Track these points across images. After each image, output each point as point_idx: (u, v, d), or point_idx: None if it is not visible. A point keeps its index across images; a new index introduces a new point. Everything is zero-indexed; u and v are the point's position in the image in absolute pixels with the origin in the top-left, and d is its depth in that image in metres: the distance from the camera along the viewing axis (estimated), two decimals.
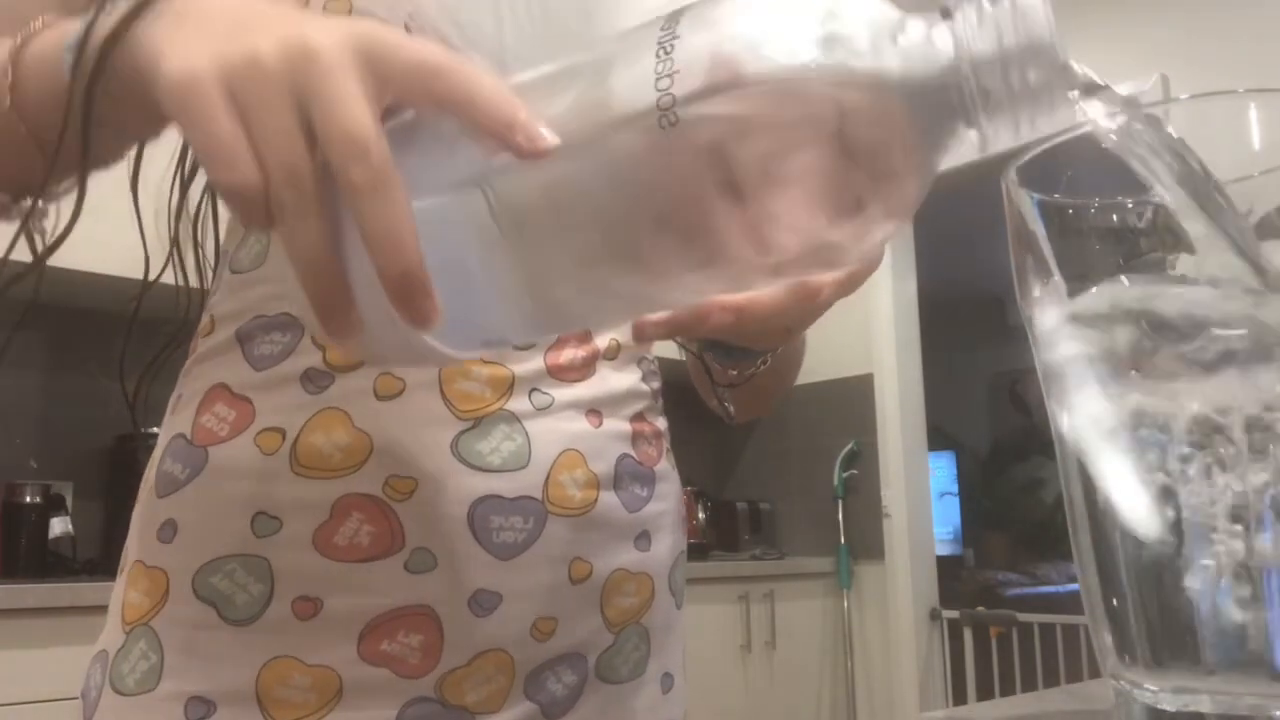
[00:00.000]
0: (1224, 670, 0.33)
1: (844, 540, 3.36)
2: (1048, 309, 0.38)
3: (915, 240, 3.35)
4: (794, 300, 0.52)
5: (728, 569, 3.07)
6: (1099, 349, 0.36)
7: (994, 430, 5.68)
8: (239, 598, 0.54)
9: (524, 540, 0.57)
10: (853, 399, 3.37)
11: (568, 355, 0.61)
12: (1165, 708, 0.34)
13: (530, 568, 0.58)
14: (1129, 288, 0.35)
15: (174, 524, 0.57)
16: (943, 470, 5.23)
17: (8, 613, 1.73)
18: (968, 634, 3.18)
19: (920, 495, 3.32)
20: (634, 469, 0.63)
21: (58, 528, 2.18)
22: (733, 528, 3.44)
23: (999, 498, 5.36)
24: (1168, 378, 0.34)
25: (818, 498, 3.47)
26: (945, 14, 0.33)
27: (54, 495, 2.20)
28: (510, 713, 0.58)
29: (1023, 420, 5.25)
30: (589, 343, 0.63)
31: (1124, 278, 0.35)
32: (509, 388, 0.58)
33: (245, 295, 0.59)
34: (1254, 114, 0.34)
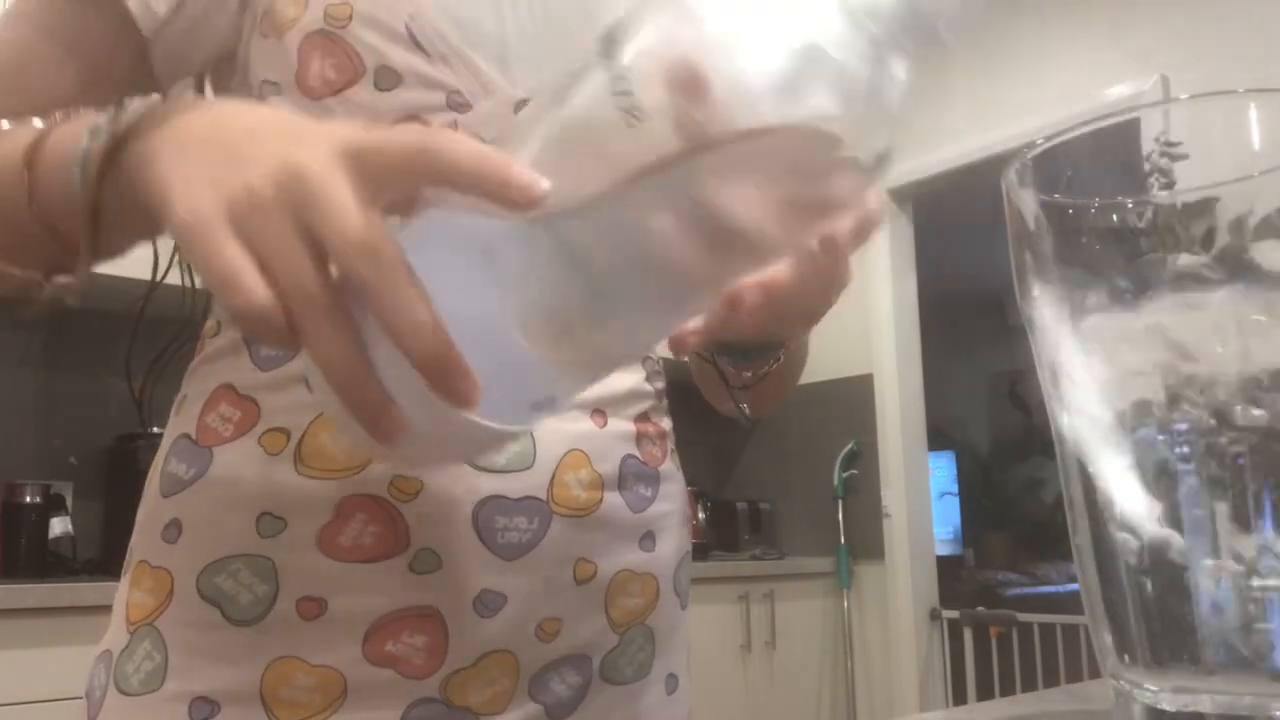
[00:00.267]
0: (1224, 670, 0.33)
1: (844, 540, 3.36)
2: (1047, 309, 0.38)
3: (915, 240, 3.35)
4: (812, 265, 0.53)
5: (728, 569, 3.07)
6: (1099, 350, 0.36)
7: (994, 430, 5.68)
8: (243, 598, 0.54)
9: (528, 541, 0.57)
10: (853, 399, 3.37)
11: None
12: (1165, 708, 0.34)
13: (535, 568, 0.58)
14: (1136, 317, 0.35)
15: (178, 524, 0.57)
16: (943, 470, 5.23)
17: (8, 613, 1.72)
18: (968, 634, 3.18)
19: (920, 495, 3.32)
20: (638, 469, 0.63)
21: (58, 528, 2.18)
22: (733, 528, 3.44)
23: (999, 498, 5.36)
24: (1167, 378, 0.34)
25: (818, 498, 3.47)
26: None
27: (54, 495, 2.21)
28: (514, 714, 0.58)
29: (1023, 420, 5.25)
30: None
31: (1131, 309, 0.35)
32: None
33: None
34: (1254, 114, 0.34)
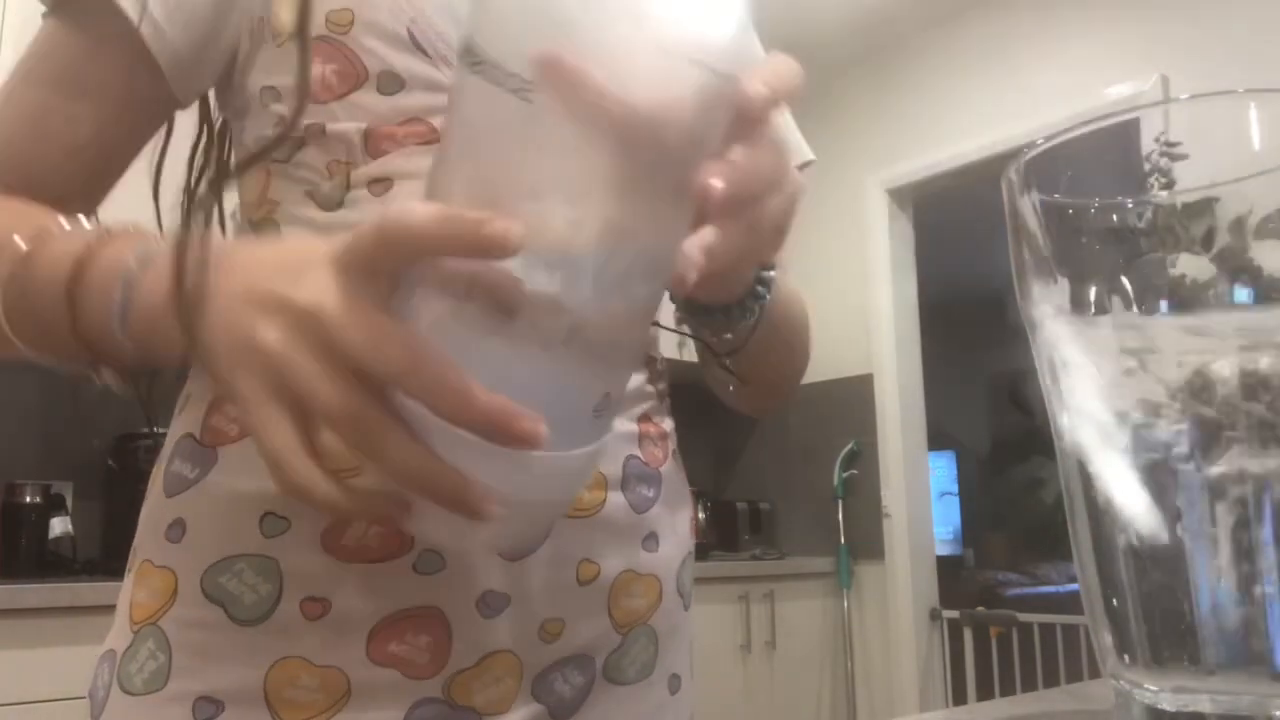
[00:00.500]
0: (1224, 670, 0.33)
1: (844, 540, 3.36)
2: (1047, 309, 0.38)
3: (915, 240, 3.35)
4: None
5: (728, 569, 3.07)
6: (1099, 350, 0.36)
7: (994, 430, 5.68)
8: (247, 598, 0.54)
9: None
10: (853, 399, 3.37)
11: None
12: (1165, 708, 0.34)
13: (538, 569, 0.58)
14: (1132, 324, 0.35)
15: (182, 523, 0.57)
16: (943, 470, 5.24)
17: (8, 613, 1.72)
18: (968, 634, 3.18)
19: (920, 495, 3.32)
20: (640, 470, 0.63)
21: (58, 528, 2.19)
22: (733, 528, 3.44)
23: (999, 498, 5.36)
24: (1168, 377, 0.34)
25: (818, 498, 3.47)
26: None
27: (54, 495, 2.21)
28: (518, 714, 0.58)
29: (1023, 420, 5.26)
30: None
31: (1128, 315, 0.35)
32: None
33: None
34: (1254, 114, 0.34)
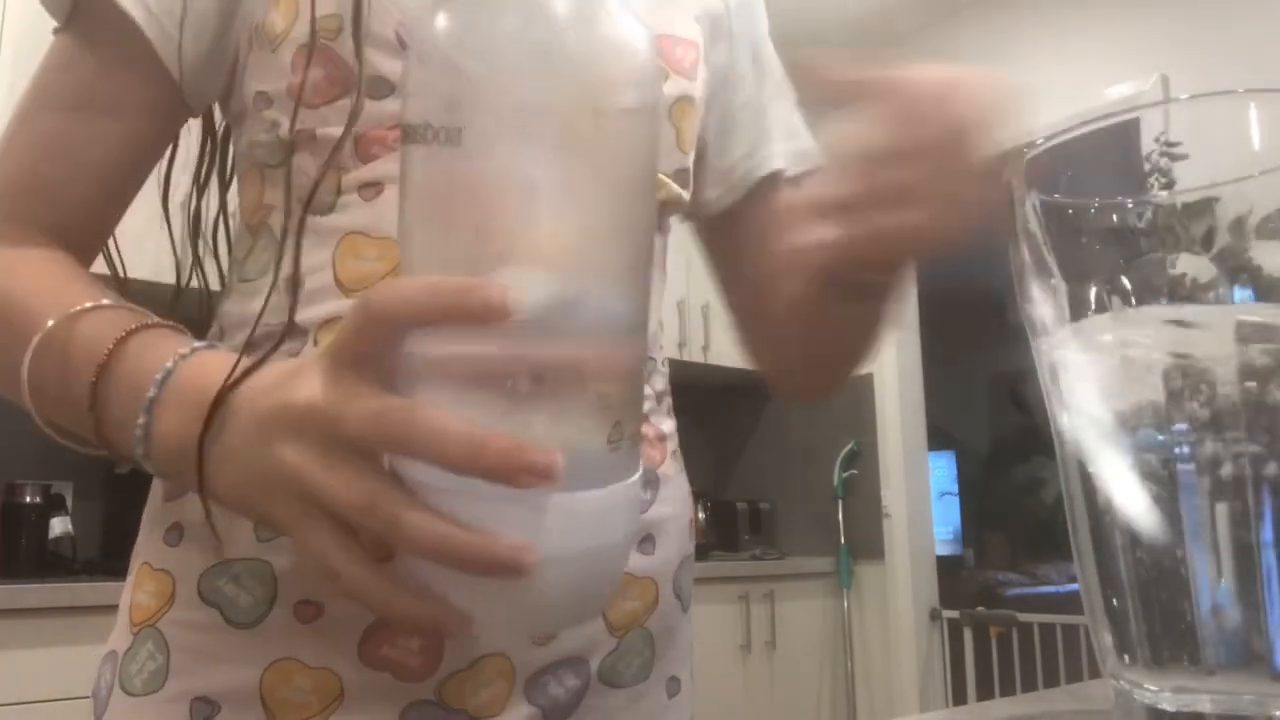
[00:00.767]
0: (1224, 670, 0.33)
1: (844, 540, 3.36)
2: (1048, 309, 0.38)
3: None
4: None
5: (728, 569, 3.07)
6: (1099, 350, 0.36)
7: (994, 430, 5.68)
8: (242, 601, 0.54)
9: None
10: (853, 399, 3.37)
11: None
12: (1165, 708, 0.34)
13: None
14: (1132, 322, 0.35)
15: (180, 528, 0.57)
16: (943, 470, 5.24)
17: (8, 613, 1.73)
18: (968, 634, 3.18)
19: (920, 495, 3.32)
20: None
21: (58, 528, 2.19)
22: (733, 528, 3.44)
23: (999, 498, 5.36)
24: (1168, 378, 0.34)
25: (818, 498, 3.47)
26: None
27: (54, 495, 2.20)
28: (511, 716, 0.57)
29: (1023, 420, 5.25)
30: None
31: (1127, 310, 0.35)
32: None
33: (252, 304, 0.59)
34: (1254, 114, 0.34)
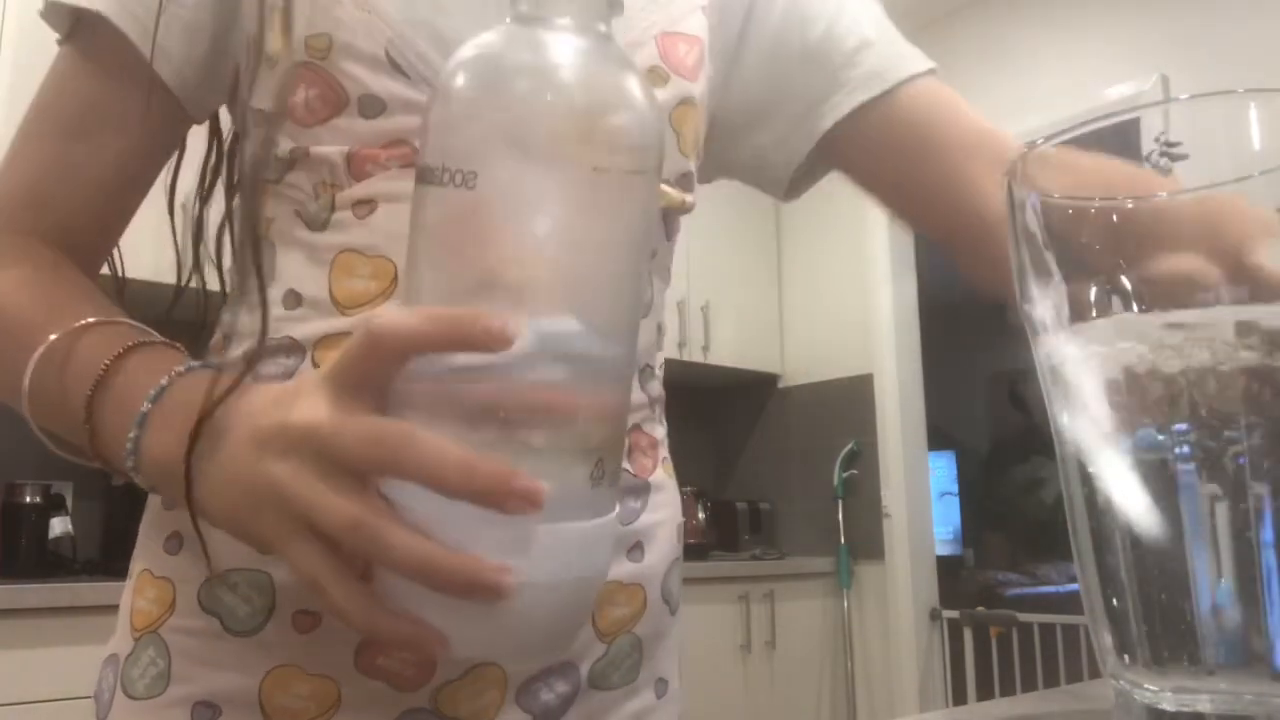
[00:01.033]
0: (1224, 670, 0.33)
1: (844, 540, 3.37)
2: (1047, 309, 0.38)
3: (915, 241, 3.35)
4: None
5: (728, 569, 3.07)
6: (1099, 350, 0.36)
7: (994, 430, 5.68)
8: (241, 610, 0.55)
9: None
10: (853, 399, 3.37)
11: None
12: (1165, 708, 0.34)
13: None
14: (1131, 324, 0.35)
15: (180, 536, 0.57)
16: (943, 470, 5.23)
17: (8, 613, 1.73)
18: (968, 634, 3.18)
19: (920, 495, 3.32)
20: (628, 481, 0.62)
21: (58, 528, 2.19)
22: (733, 528, 3.44)
23: (999, 498, 5.36)
24: (1168, 377, 0.34)
25: (818, 498, 3.47)
26: None
27: (54, 495, 2.21)
28: None
29: (1023, 420, 5.25)
30: None
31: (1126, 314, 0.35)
32: None
33: (250, 316, 0.59)
34: (1254, 114, 0.34)
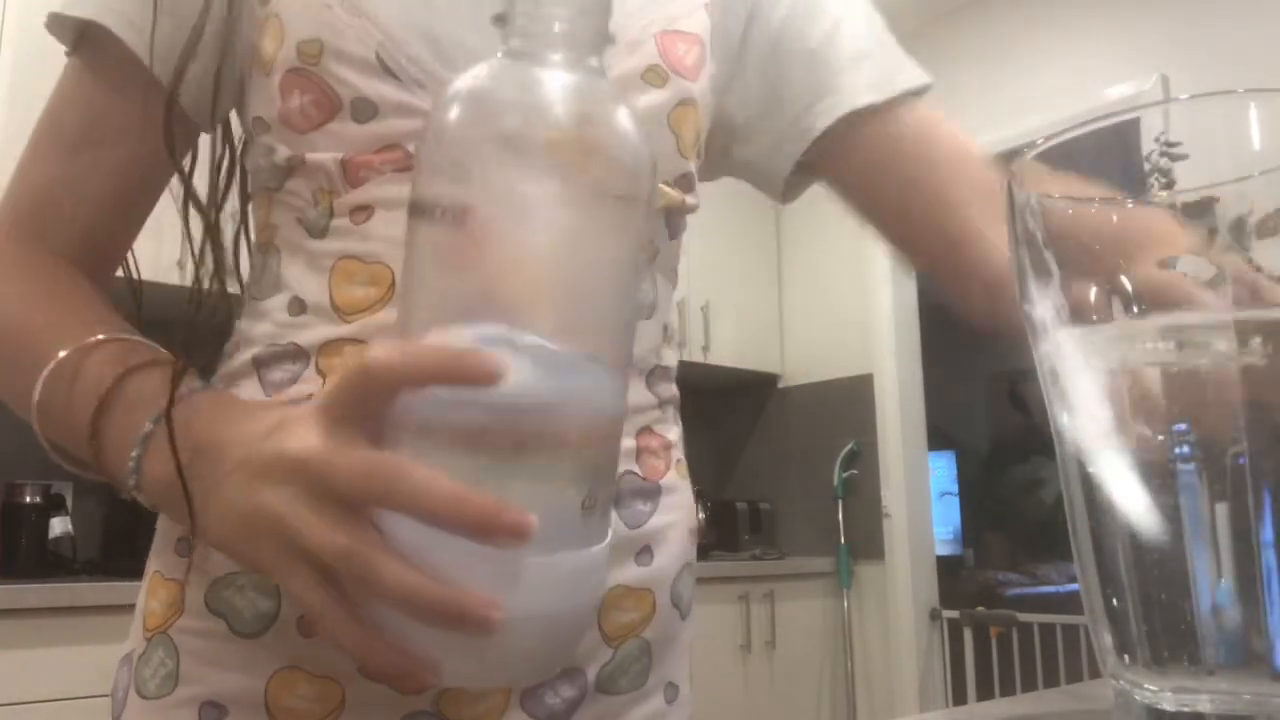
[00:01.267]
0: (1224, 670, 0.33)
1: (844, 540, 3.37)
2: (1047, 309, 0.38)
3: None
4: None
5: (728, 569, 3.07)
6: (1099, 350, 0.36)
7: (994, 430, 5.68)
8: (247, 612, 0.55)
9: None
10: (853, 399, 3.37)
11: None
12: (1165, 708, 0.34)
13: None
14: (1137, 329, 0.35)
15: (189, 539, 0.58)
16: (943, 470, 5.23)
17: (8, 613, 1.72)
18: (968, 634, 3.18)
19: (920, 495, 3.32)
20: (637, 485, 0.62)
21: (58, 528, 2.19)
22: (733, 528, 3.44)
23: (999, 498, 5.36)
24: (1168, 378, 0.34)
25: (818, 498, 3.47)
26: None
27: (54, 495, 2.20)
28: None
29: (1023, 420, 5.25)
30: None
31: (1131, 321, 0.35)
32: None
33: (261, 324, 0.60)
34: (1254, 114, 0.34)
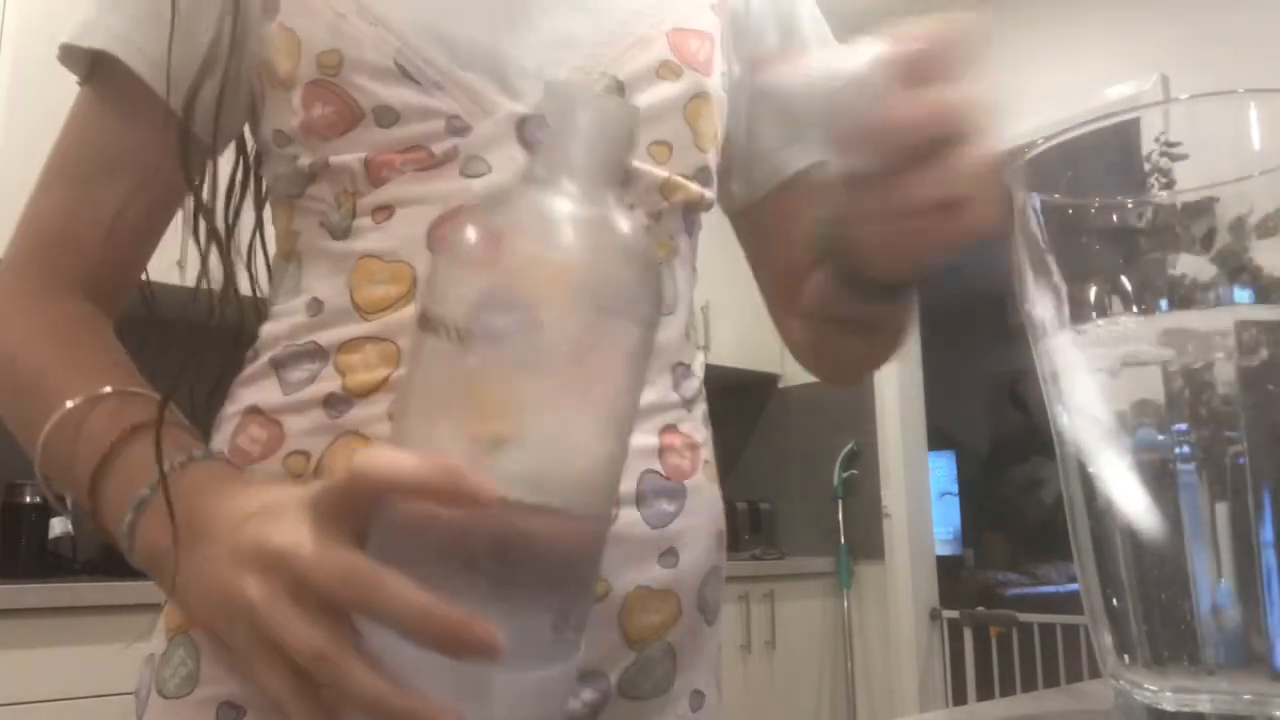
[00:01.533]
0: (1224, 670, 0.33)
1: (844, 540, 3.36)
2: (1047, 309, 0.38)
3: None
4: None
5: (728, 569, 3.06)
6: (1099, 350, 0.36)
7: (994, 430, 5.68)
8: None
9: None
10: (853, 399, 3.37)
11: None
12: (1165, 708, 0.34)
13: None
14: (1134, 328, 0.35)
15: None
16: (943, 470, 5.24)
17: (8, 613, 1.72)
18: (968, 634, 3.18)
19: (920, 495, 3.32)
20: (659, 484, 0.61)
21: (58, 528, 2.19)
22: (733, 528, 3.42)
23: (999, 498, 5.36)
24: (1168, 378, 0.34)
25: (818, 498, 3.47)
26: None
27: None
28: None
29: (1023, 420, 5.25)
30: None
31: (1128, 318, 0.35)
32: None
33: (279, 327, 0.61)
34: (1254, 114, 0.34)
